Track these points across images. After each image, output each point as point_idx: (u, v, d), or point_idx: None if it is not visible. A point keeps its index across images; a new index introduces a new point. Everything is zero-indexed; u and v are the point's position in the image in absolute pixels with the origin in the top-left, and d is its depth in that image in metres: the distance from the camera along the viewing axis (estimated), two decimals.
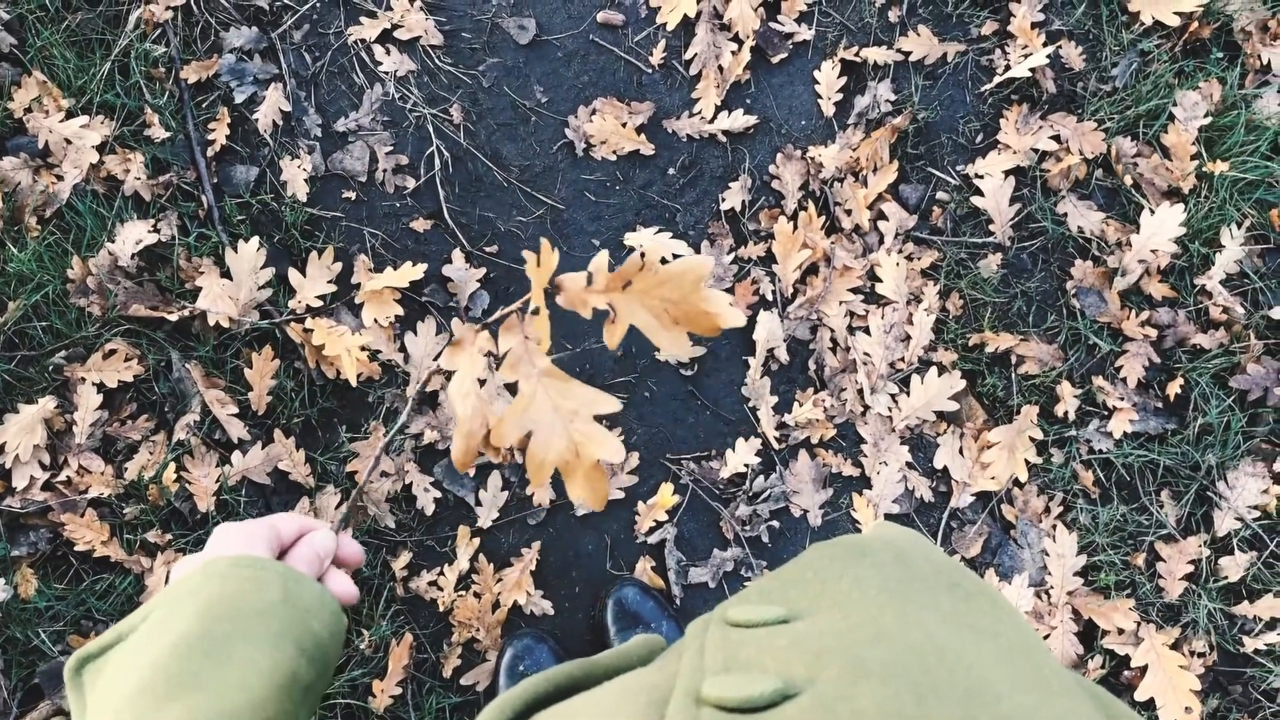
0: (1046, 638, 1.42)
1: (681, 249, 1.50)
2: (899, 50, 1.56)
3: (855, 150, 1.53)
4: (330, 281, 1.45)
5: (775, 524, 1.47)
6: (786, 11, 1.57)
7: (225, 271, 1.41)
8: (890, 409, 1.49)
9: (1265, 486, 1.45)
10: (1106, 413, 1.49)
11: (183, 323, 1.41)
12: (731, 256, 1.52)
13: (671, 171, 1.55)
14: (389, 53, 1.52)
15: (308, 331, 1.40)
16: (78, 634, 1.32)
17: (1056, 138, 1.54)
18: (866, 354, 1.49)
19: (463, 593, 1.40)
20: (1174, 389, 1.47)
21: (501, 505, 1.44)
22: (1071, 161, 1.51)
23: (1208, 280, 1.50)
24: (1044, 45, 1.54)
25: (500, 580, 1.42)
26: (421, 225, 1.50)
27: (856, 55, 1.56)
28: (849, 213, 1.52)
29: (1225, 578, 1.44)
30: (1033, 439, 1.47)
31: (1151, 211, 1.49)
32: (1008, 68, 1.55)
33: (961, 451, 1.49)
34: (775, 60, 1.57)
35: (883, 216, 1.53)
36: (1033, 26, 1.55)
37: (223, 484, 1.38)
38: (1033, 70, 1.51)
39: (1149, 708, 1.39)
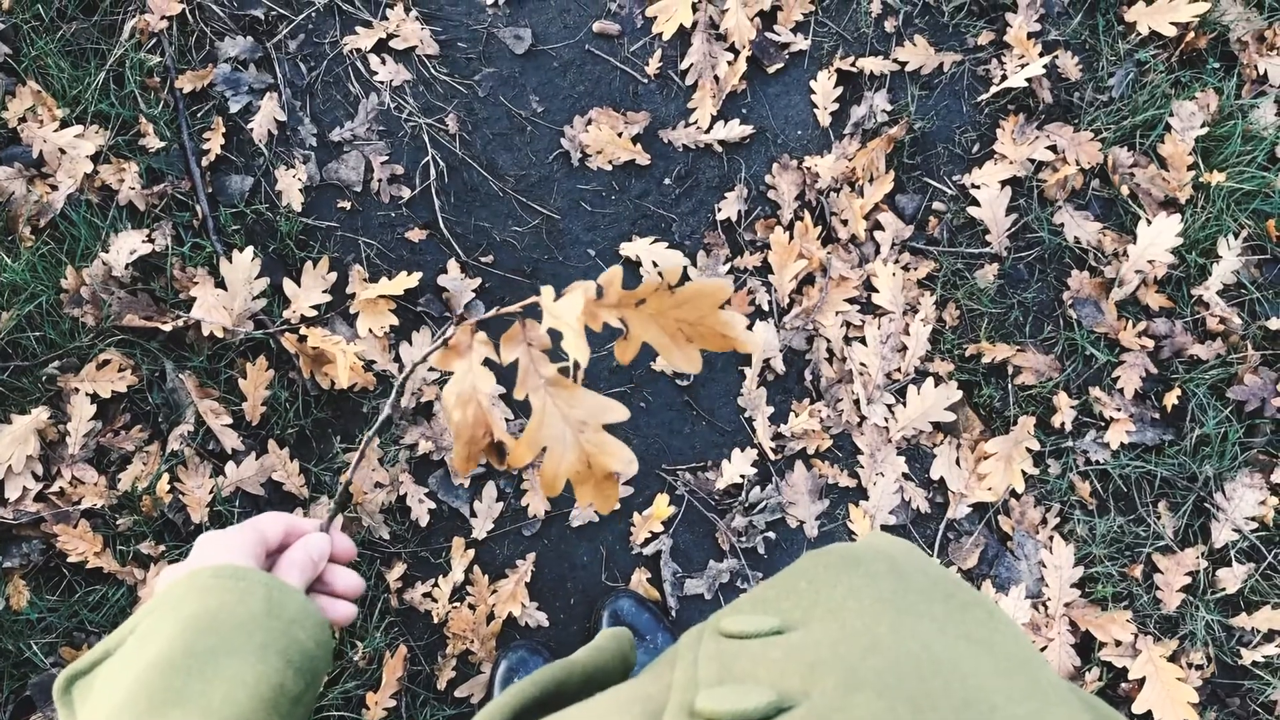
0: (1043, 650, 1.42)
1: (677, 259, 1.50)
2: (895, 60, 1.56)
3: (851, 160, 1.53)
4: (325, 291, 1.44)
5: (771, 535, 1.47)
6: (783, 21, 1.57)
7: (220, 281, 1.41)
8: (887, 420, 1.48)
9: (1263, 498, 1.45)
10: (1103, 423, 1.49)
11: (177, 333, 1.40)
12: (727, 267, 1.52)
13: (667, 181, 1.55)
14: (384, 62, 1.52)
15: (302, 341, 1.40)
16: (70, 646, 1.31)
17: (1053, 148, 1.53)
18: (863, 364, 1.49)
19: (457, 604, 1.40)
20: (1171, 400, 1.47)
21: (496, 516, 1.43)
22: (1068, 172, 1.51)
23: (1205, 291, 1.49)
24: (1040, 55, 1.54)
25: (495, 592, 1.41)
26: (417, 235, 1.49)
27: (853, 65, 1.56)
28: (845, 223, 1.52)
29: (1223, 589, 1.44)
30: (1030, 450, 1.47)
31: (1148, 222, 1.49)
32: (1004, 78, 1.55)
33: (958, 462, 1.48)
34: (771, 70, 1.56)
35: (879, 227, 1.53)
36: (1029, 37, 1.55)
37: (216, 495, 1.37)
38: (1029, 80, 1.51)
39: None
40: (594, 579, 1.44)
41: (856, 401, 1.49)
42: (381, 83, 1.52)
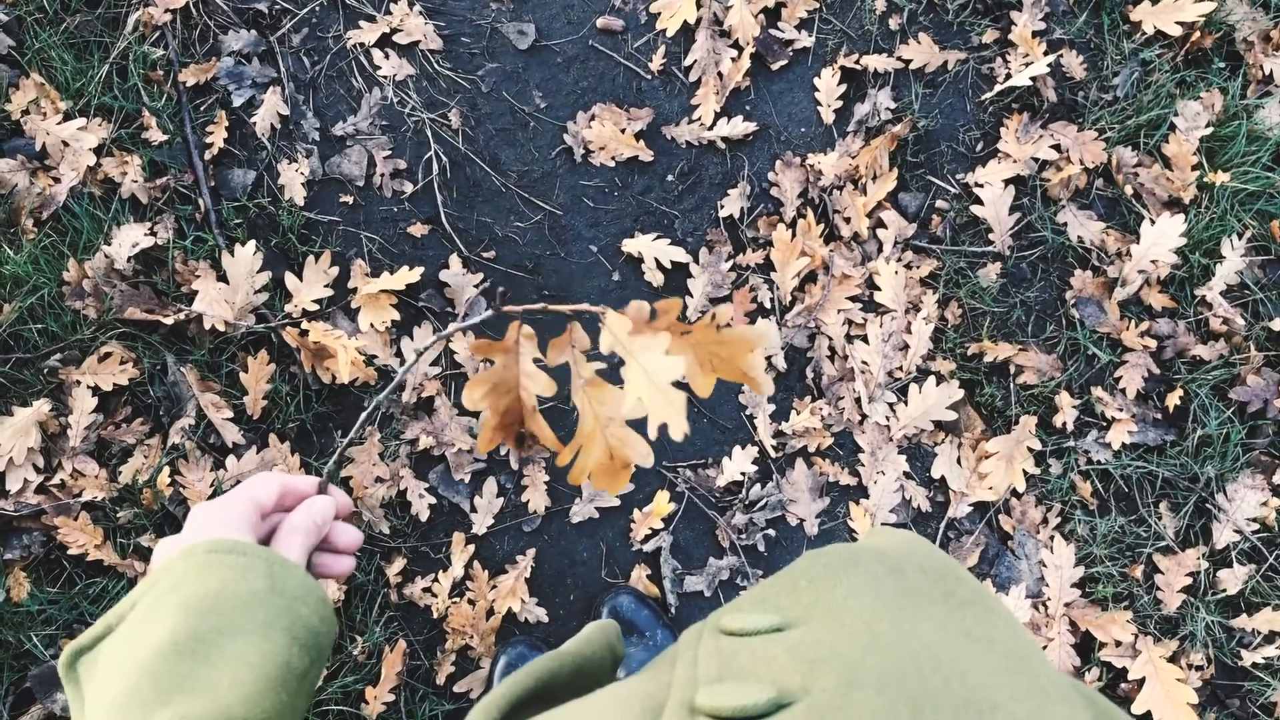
0: (1043, 649, 1.42)
1: (680, 255, 1.50)
2: (899, 58, 1.56)
3: (855, 158, 1.52)
4: (327, 286, 1.44)
5: (771, 533, 1.47)
6: (787, 18, 1.56)
7: (222, 275, 1.41)
8: (888, 418, 1.48)
9: (1264, 499, 1.44)
10: (1105, 423, 1.49)
11: (178, 326, 1.40)
12: (730, 264, 1.51)
13: (670, 178, 1.55)
14: (388, 57, 1.52)
15: (304, 336, 1.40)
16: (69, 638, 1.31)
17: (1057, 147, 1.53)
18: (864, 362, 1.49)
19: (457, 599, 1.40)
20: (1173, 400, 1.46)
21: (496, 512, 1.43)
22: (1072, 171, 1.51)
23: (1208, 291, 1.49)
24: (1045, 54, 1.54)
25: (495, 587, 1.41)
26: (419, 230, 1.49)
27: (857, 63, 1.55)
28: (848, 220, 1.52)
29: (1224, 590, 1.43)
30: (1031, 449, 1.47)
31: (1152, 222, 1.48)
32: (1008, 76, 1.55)
33: (959, 461, 1.48)
34: (775, 67, 1.56)
35: (882, 225, 1.52)
36: (1034, 35, 1.55)
37: (217, 488, 1.37)
38: (1033, 79, 1.51)
39: None
40: (594, 575, 1.44)
41: (858, 399, 1.49)
42: (385, 77, 1.52)
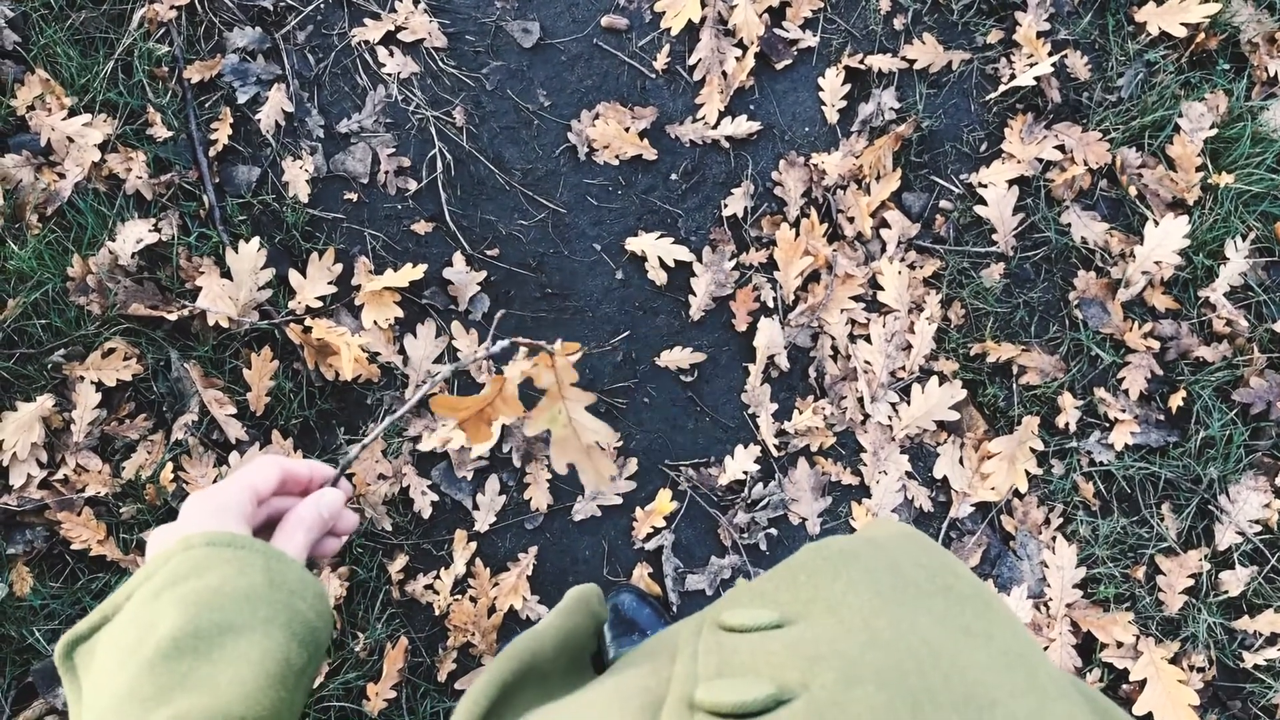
0: (1045, 650, 1.42)
1: (683, 254, 1.50)
2: (904, 58, 1.56)
3: (858, 158, 1.52)
4: (330, 283, 1.44)
5: (773, 532, 1.47)
6: (791, 18, 1.56)
7: (225, 271, 1.41)
8: (890, 418, 1.48)
9: (1267, 501, 1.44)
10: (1108, 424, 1.48)
11: (182, 322, 1.41)
12: (733, 263, 1.51)
13: (674, 177, 1.55)
14: (392, 55, 1.52)
15: (307, 332, 1.40)
16: None
17: (1061, 148, 1.53)
18: (867, 362, 1.49)
19: (459, 597, 1.40)
20: (1176, 402, 1.46)
21: (499, 509, 1.43)
22: (1076, 172, 1.51)
23: (1211, 293, 1.49)
24: (1049, 55, 1.53)
25: (496, 585, 1.41)
26: (423, 228, 1.49)
27: (861, 62, 1.55)
28: (851, 220, 1.52)
29: (1226, 592, 1.43)
30: (1033, 450, 1.47)
31: (1156, 223, 1.48)
32: (1013, 77, 1.54)
33: (961, 461, 1.48)
34: (779, 66, 1.56)
35: (885, 224, 1.52)
36: (1038, 36, 1.55)
37: None
38: (1038, 79, 1.51)
39: None
40: (595, 573, 1.44)
41: (860, 399, 1.49)
42: (389, 75, 1.52)
